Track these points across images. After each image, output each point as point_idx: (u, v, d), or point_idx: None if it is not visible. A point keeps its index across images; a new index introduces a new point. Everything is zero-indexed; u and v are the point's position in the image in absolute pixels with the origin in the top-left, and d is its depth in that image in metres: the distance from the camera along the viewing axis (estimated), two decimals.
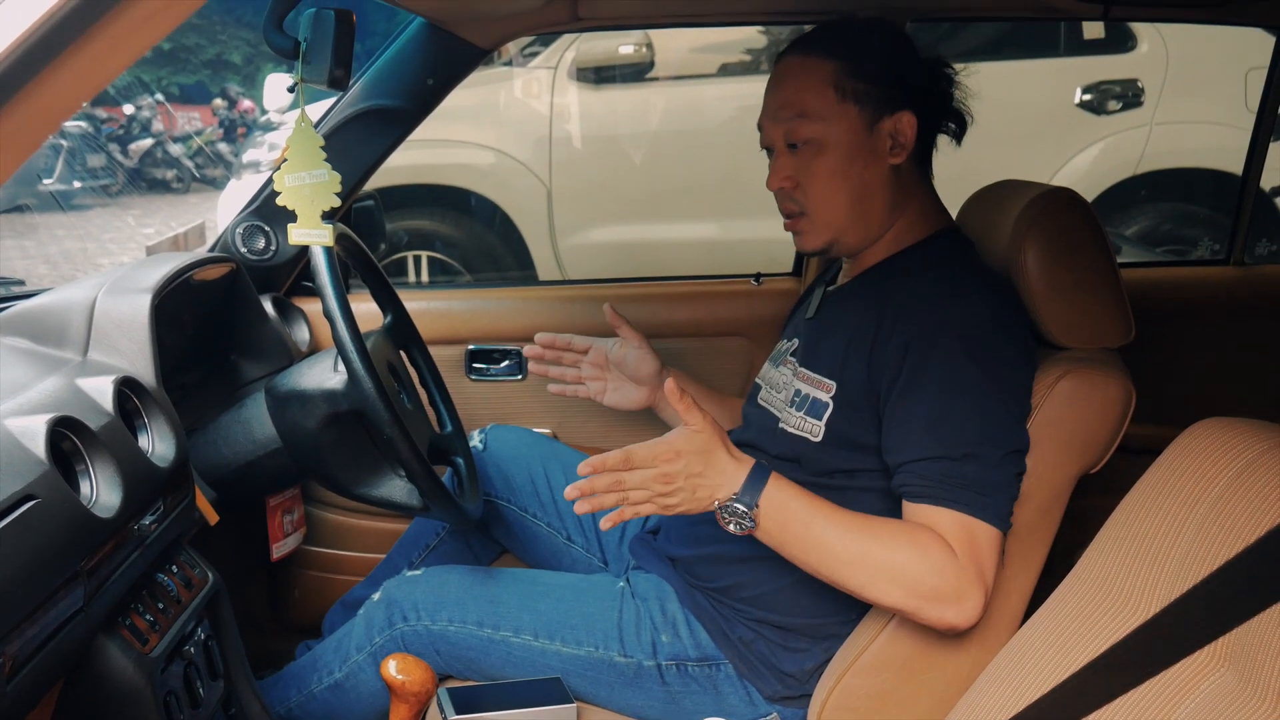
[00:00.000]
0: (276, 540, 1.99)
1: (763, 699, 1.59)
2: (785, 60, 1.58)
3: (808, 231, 1.58)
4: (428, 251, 4.96)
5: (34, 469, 1.13)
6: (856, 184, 1.53)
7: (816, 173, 1.53)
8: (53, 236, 10.45)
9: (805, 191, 1.55)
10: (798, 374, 1.59)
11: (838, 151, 1.52)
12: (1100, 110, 4.87)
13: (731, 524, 1.38)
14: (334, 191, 1.43)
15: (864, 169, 1.53)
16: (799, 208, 1.57)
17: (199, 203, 13.01)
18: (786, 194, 1.57)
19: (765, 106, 1.60)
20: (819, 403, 1.52)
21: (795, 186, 1.55)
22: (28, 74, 0.61)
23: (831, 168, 1.53)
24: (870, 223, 1.57)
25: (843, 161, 1.52)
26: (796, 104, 1.53)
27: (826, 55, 1.53)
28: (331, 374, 1.62)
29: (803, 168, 1.54)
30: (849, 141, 1.52)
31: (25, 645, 1.05)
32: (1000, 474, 1.37)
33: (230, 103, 15.46)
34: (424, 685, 1.46)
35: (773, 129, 1.57)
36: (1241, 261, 2.52)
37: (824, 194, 1.54)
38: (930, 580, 1.33)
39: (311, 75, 1.43)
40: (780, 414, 1.60)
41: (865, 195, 1.54)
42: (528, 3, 1.88)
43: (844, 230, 1.56)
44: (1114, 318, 1.50)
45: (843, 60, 1.52)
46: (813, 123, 1.52)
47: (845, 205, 1.54)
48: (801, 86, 1.54)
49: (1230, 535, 0.98)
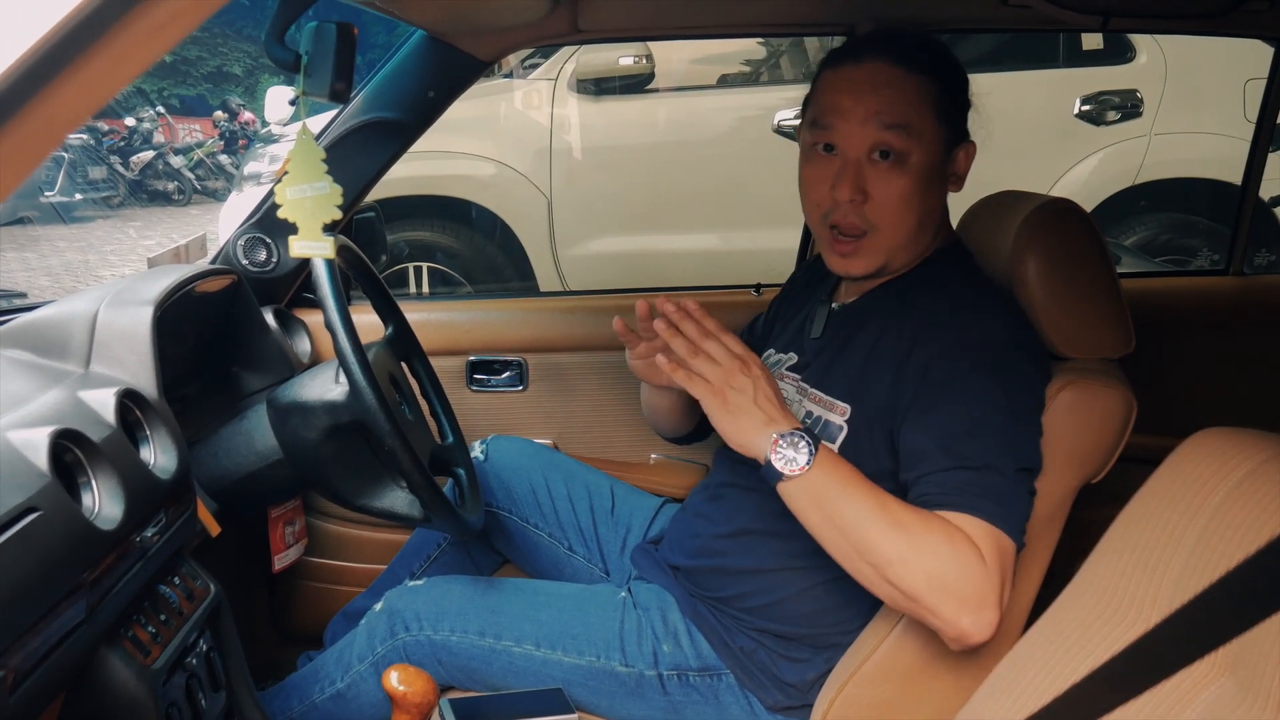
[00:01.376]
0: (278, 551, 1.99)
1: (764, 709, 1.59)
2: (877, 64, 1.47)
3: (866, 253, 1.50)
4: (429, 263, 4.97)
5: (36, 481, 1.13)
6: (924, 209, 1.49)
7: (895, 190, 1.46)
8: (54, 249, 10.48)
9: (878, 207, 1.47)
10: (808, 395, 1.56)
11: (921, 172, 1.46)
12: (1099, 121, 4.89)
13: (784, 456, 1.30)
14: (335, 204, 1.43)
15: (935, 195, 1.50)
16: (865, 224, 1.48)
17: (200, 215, 13.05)
18: (855, 207, 1.47)
19: (845, 108, 1.46)
20: (831, 425, 1.49)
21: (865, 200, 1.47)
22: (32, 88, 0.61)
23: (912, 188, 1.46)
24: (918, 248, 1.53)
25: (922, 183, 1.46)
26: (901, 114, 1.44)
27: (929, 73, 1.46)
28: (333, 385, 1.62)
29: (881, 182, 1.46)
30: (933, 166, 1.47)
31: (27, 657, 1.05)
32: (1018, 488, 1.35)
33: (231, 115, 15.51)
34: (425, 696, 1.46)
35: (859, 134, 1.45)
36: (1241, 271, 2.53)
37: (897, 213, 1.47)
38: (955, 576, 1.27)
39: (313, 88, 1.43)
40: None
41: (927, 220, 1.50)
42: (528, 15, 1.89)
43: (899, 254, 1.51)
44: (1114, 328, 1.50)
45: (943, 81, 1.48)
46: (911, 138, 1.44)
47: (911, 228, 1.49)
48: (906, 99, 1.45)
49: (1231, 545, 0.98)
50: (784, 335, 1.74)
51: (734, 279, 2.45)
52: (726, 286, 2.45)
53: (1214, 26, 2.23)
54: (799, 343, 1.67)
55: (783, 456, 1.31)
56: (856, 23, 2.12)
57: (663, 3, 2.08)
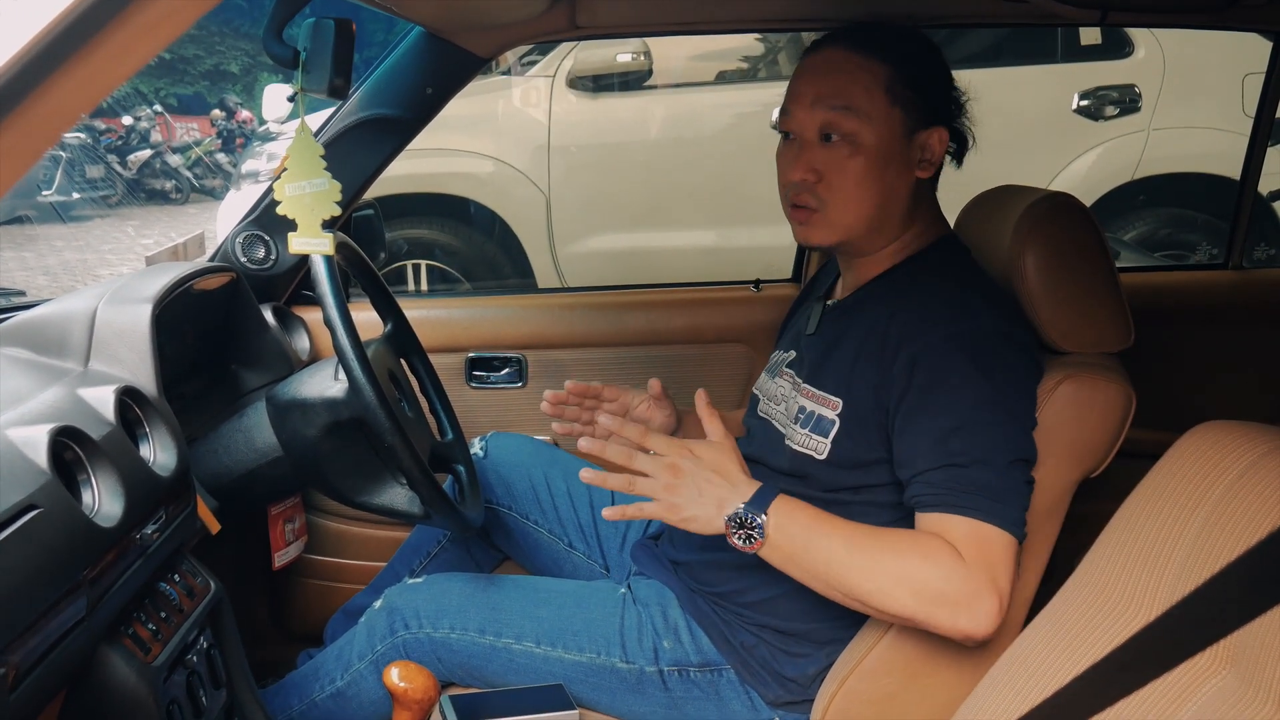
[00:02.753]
0: (278, 549, 1.99)
1: (765, 704, 1.59)
2: (831, 51, 1.52)
3: (818, 226, 1.53)
4: (427, 260, 4.97)
5: (36, 479, 1.13)
6: (883, 190, 1.50)
7: (848, 171, 1.48)
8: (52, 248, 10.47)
9: (830, 187, 1.50)
10: (800, 390, 1.58)
11: (874, 154, 1.48)
12: (1098, 116, 4.88)
13: (739, 536, 1.36)
14: (334, 200, 1.43)
15: (894, 177, 1.51)
16: (816, 203, 1.52)
17: (198, 213, 13.03)
18: (807, 186, 1.51)
19: (799, 92, 1.52)
20: (825, 420, 1.50)
21: (818, 180, 1.50)
22: (30, 84, 0.61)
23: (864, 169, 1.48)
24: (883, 232, 1.54)
25: (877, 165, 1.48)
26: (844, 96, 1.47)
27: (882, 56, 1.48)
28: (332, 382, 1.62)
29: (832, 163, 1.49)
30: (887, 147, 1.48)
31: (28, 655, 1.05)
32: (1009, 480, 1.35)
33: (229, 113, 15.49)
34: (426, 693, 1.47)
35: (808, 116, 1.50)
36: (1240, 266, 2.53)
37: (849, 195, 1.50)
38: (937, 585, 1.30)
39: (311, 85, 1.43)
40: (784, 429, 1.59)
41: (887, 203, 1.52)
42: (526, 11, 1.88)
43: (857, 234, 1.53)
44: (1113, 322, 1.50)
45: (897, 65, 1.48)
46: (858, 119, 1.47)
47: (868, 210, 1.51)
48: (853, 81, 1.48)
49: (1231, 538, 0.98)
50: (788, 334, 1.77)
51: (732, 275, 2.45)
52: (725, 283, 2.45)
53: (1212, 20, 2.23)
54: (797, 340, 1.68)
55: (739, 537, 1.36)
56: (854, 18, 2.12)
57: None
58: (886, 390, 1.43)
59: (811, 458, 1.51)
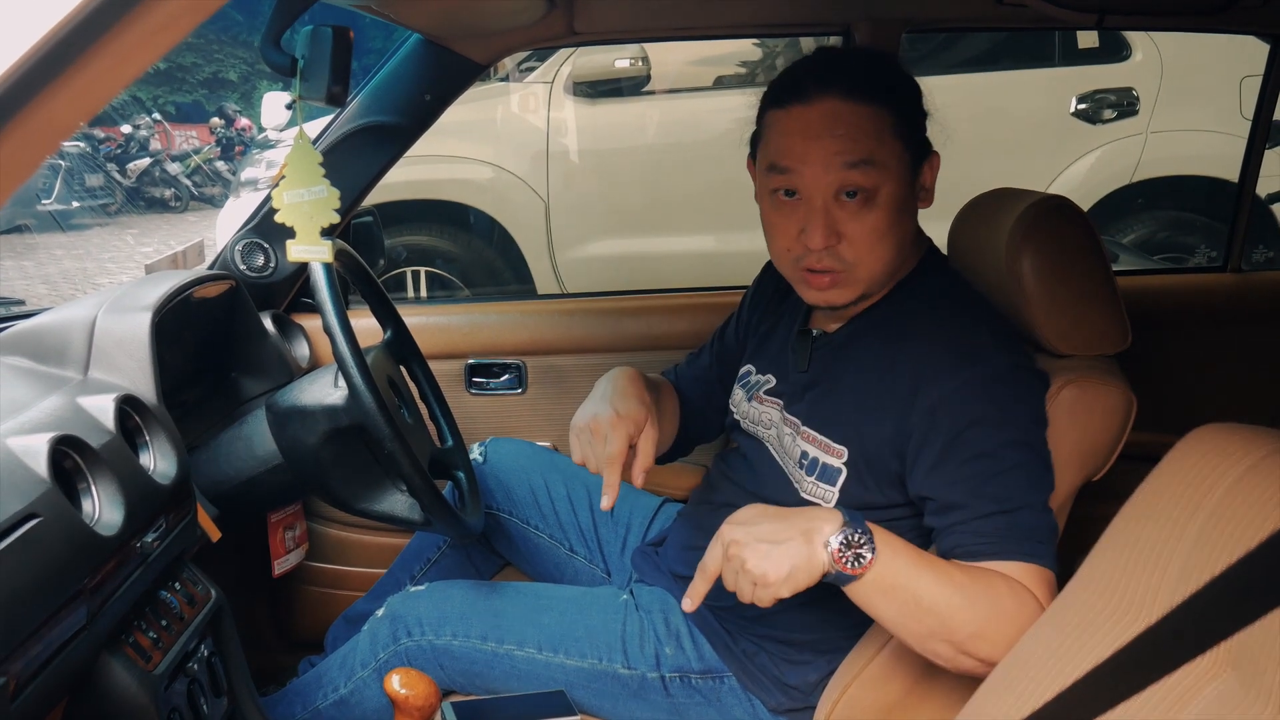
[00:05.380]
0: (278, 556, 1.99)
1: (767, 711, 1.58)
2: (830, 103, 1.40)
3: (844, 287, 1.45)
4: (426, 267, 4.97)
5: (36, 488, 1.13)
6: (900, 236, 1.45)
7: (868, 226, 1.41)
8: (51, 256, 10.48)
9: (852, 247, 1.42)
10: (800, 433, 1.52)
11: (892, 203, 1.41)
12: (1095, 119, 4.89)
13: (848, 557, 1.21)
14: (333, 208, 1.43)
15: (908, 221, 1.46)
16: (841, 265, 1.43)
17: (197, 221, 13.05)
18: (829, 251, 1.42)
19: (805, 153, 1.40)
20: (831, 469, 1.46)
21: (839, 241, 1.42)
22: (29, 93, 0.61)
23: (886, 220, 1.41)
24: (895, 274, 1.50)
25: (896, 213, 1.42)
26: (863, 150, 1.38)
27: (884, 103, 1.40)
28: (332, 390, 1.62)
29: (851, 221, 1.41)
30: (901, 194, 1.43)
31: (29, 664, 1.05)
32: (1048, 518, 1.33)
33: (228, 121, 15.51)
34: (427, 699, 1.47)
35: (823, 178, 1.40)
36: (1239, 268, 2.53)
37: (874, 249, 1.42)
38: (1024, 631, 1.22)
39: (309, 92, 1.43)
40: (788, 469, 1.55)
41: (901, 247, 1.47)
42: (524, 17, 1.89)
43: (877, 283, 1.47)
44: (1110, 324, 1.50)
45: (898, 108, 1.42)
46: (879, 172, 1.39)
47: (888, 259, 1.45)
48: (866, 133, 1.39)
49: (1231, 540, 0.98)
50: (762, 353, 1.70)
51: (731, 280, 2.44)
52: (724, 288, 2.45)
53: (1209, 23, 2.24)
54: (780, 368, 1.63)
55: (846, 558, 1.21)
56: (852, 22, 2.12)
57: (658, 4, 2.08)
58: (903, 439, 1.39)
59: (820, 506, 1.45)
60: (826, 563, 1.21)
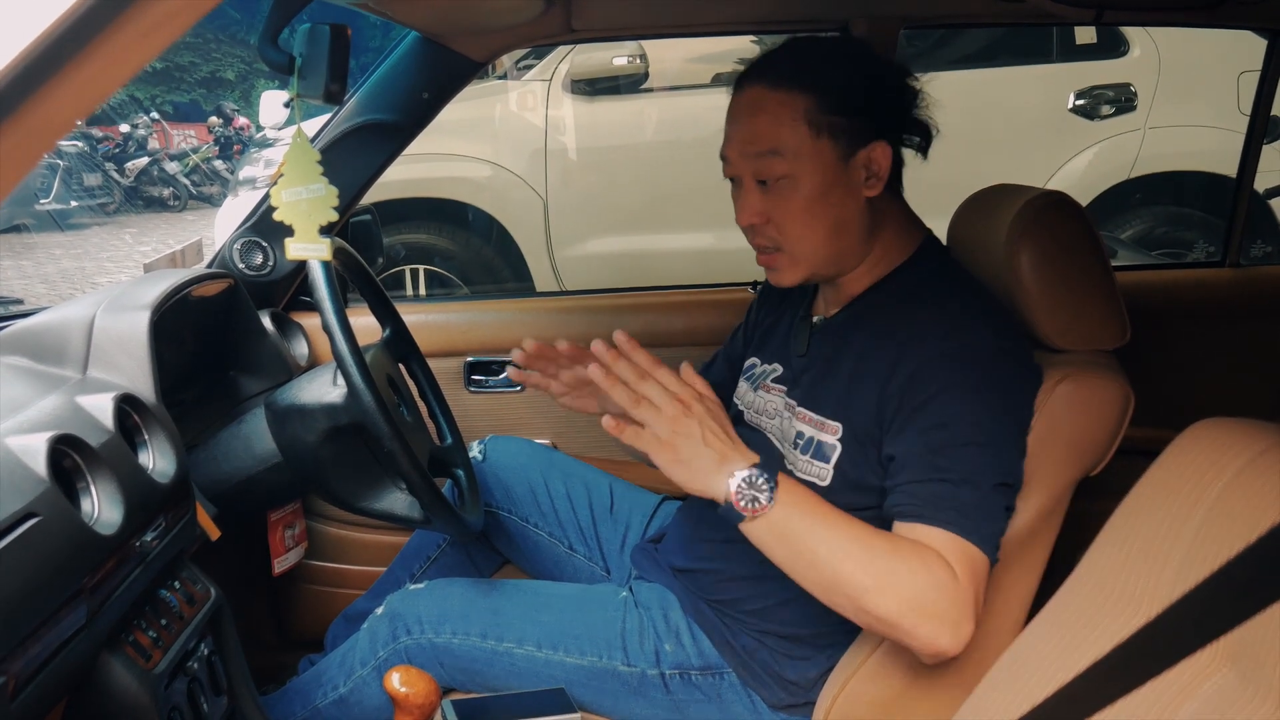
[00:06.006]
0: (278, 555, 1.99)
1: (767, 707, 1.59)
2: (750, 90, 1.47)
3: (784, 267, 1.51)
4: (425, 265, 4.97)
5: (35, 487, 1.13)
6: (833, 219, 1.46)
7: (791, 210, 1.45)
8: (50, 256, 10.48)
9: (779, 227, 1.47)
10: (796, 414, 1.54)
11: (812, 189, 1.44)
12: (1093, 115, 4.89)
13: (745, 497, 1.26)
14: (331, 206, 1.43)
15: (840, 204, 1.47)
16: (772, 243, 1.49)
17: (195, 220, 13.05)
18: (758, 229, 1.49)
19: (729, 138, 1.49)
20: (825, 445, 1.47)
21: (767, 222, 1.47)
22: (26, 91, 0.61)
23: (807, 205, 1.45)
24: (847, 255, 1.51)
25: (818, 198, 1.45)
26: (768, 140, 1.44)
27: (798, 88, 1.43)
28: (331, 388, 1.62)
29: (775, 204, 1.46)
30: (824, 178, 1.44)
31: (29, 663, 1.05)
32: (992, 502, 1.33)
33: (226, 120, 15.51)
34: (427, 697, 1.47)
35: (740, 164, 1.48)
36: (1237, 263, 2.53)
37: (799, 231, 1.47)
38: (930, 595, 1.26)
39: (307, 91, 1.43)
40: (784, 451, 1.56)
41: (841, 229, 1.48)
42: (521, 15, 1.89)
43: (822, 264, 1.50)
44: (1109, 320, 1.50)
45: (815, 93, 1.43)
46: (786, 160, 1.43)
47: (822, 241, 1.47)
48: (773, 121, 1.44)
49: (1230, 535, 0.98)
50: (768, 344, 1.72)
51: (730, 277, 2.45)
52: (723, 285, 2.45)
53: (1207, 18, 2.23)
54: (784, 355, 1.65)
55: (744, 496, 1.27)
56: (849, 19, 2.12)
57: (656, 1, 2.08)
58: (883, 406, 1.41)
59: (814, 484, 1.47)
60: (723, 491, 1.28)
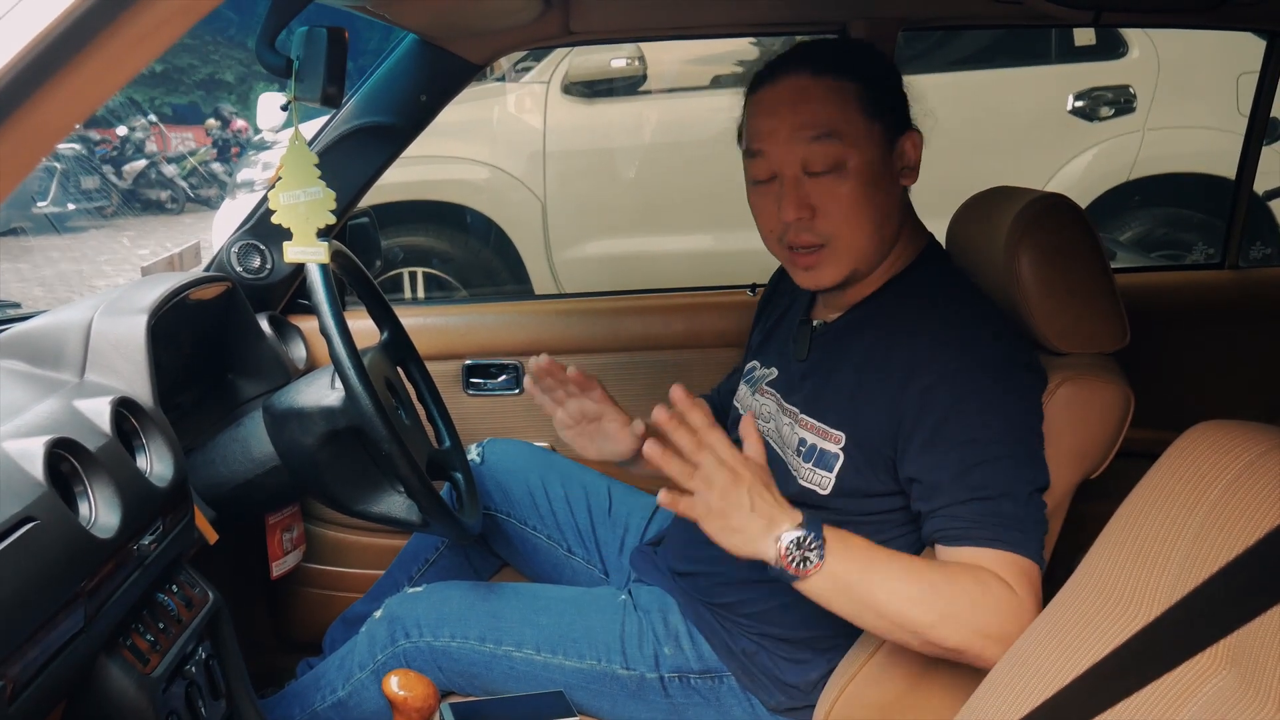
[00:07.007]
0: (276, 558, 1.99)
1: (766, 710, 1.58)
2: (790, 80, 1.45)
3: (828, 264, 1.48)
4: (423, 267, 4.97)
5: (32, 491, 1.13)
6: (881, 209, 1.46)
7: (841, 197, 1.43)
8: (48, 259, 10.46)
9: (828, 219, 1.44)
10: (800, 421, 1.53)
11: (864, 174, 1.43)
12: (1093, 117, 4.89)
13: (795, 558, 1.24)
14: (329, 209, 1.43)
15: (887, 192, 1.47)
16: (819, 239, 1.46)
17: (193, 223, 13.03)
18: (805, 224, 1.45)
19: (771, 132, 1.46)
20: (828, 454, 1.47)
21: (814, 215, 1.45)
22: (22, 95, 0.61)
23: (859, 192, 1.43)
24: (884, 250, 1.50)
25: (869, 185, 1.44)
26: (824, 123, 1.42)
27: (846, 74, 1.44)
28: (329, 391, 1.62)
29: (823, 194, 1.44)
30: (875, 164, 1.44)
31: (26, 667, 1.05)
32: (1032, 510, 1.33)
33: (224, 122, 15.48)
34: (426, 700, 1.47)
35: (788, 153, 1.44)
36: (1236, 265, 2.53)
37: (849, 221, 1.44)
38: (993, 619, 1.25)
39: (305, 93, 1.43)
40: (785, 456, 1.55)
41: (885, 221, 1.48)
42: (519, 17, 1.89)
43: (864, 259, 1.48)
44: (1109, 322, 1.50)
45: (864, 79, 1.44)
46: (843, 143, 1.42)
47: (870, 232, 1.46)
48: (827, 105, 1.43)
49: (1230, 537, 0.98)
50: (767, 348, 1.72)
51: (729, 279, 2.44)
52: (721, 287, 2.45)
53: (1206, 20, 2.24)
54: (782, 359, 1.65)
55: (793, 558, 1.24)
56: (848, 21, 2.12)
57: (654, 3, 2.08)
58: (896, 421, 1.39)
59: (815, 492, 1.47)
60: (772, 555, 1.25)
